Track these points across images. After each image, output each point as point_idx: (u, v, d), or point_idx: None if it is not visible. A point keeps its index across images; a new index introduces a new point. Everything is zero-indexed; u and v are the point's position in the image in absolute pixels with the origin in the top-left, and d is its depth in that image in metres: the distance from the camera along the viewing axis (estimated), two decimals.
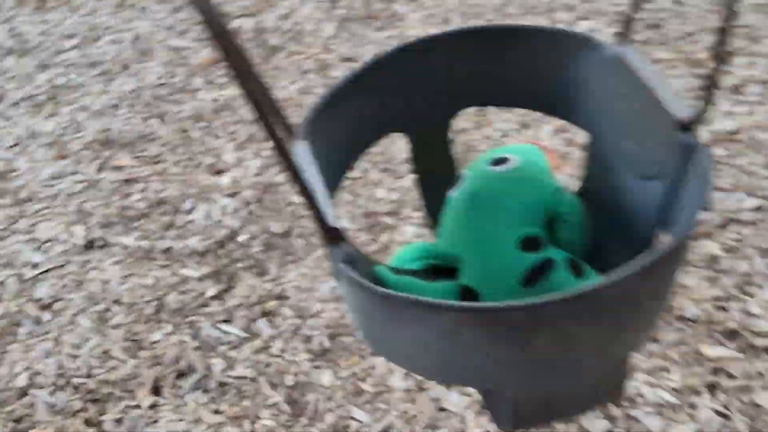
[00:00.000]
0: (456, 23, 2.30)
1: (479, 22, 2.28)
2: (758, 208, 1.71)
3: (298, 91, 2.20)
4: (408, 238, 1.76)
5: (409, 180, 1.78)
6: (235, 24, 2.50)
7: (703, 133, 1.80)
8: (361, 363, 1.59)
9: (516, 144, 1.10)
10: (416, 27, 2.28)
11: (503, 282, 0.67)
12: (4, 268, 1.89)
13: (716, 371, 1.47)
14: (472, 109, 0.85)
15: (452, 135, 0.85)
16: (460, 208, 0.72)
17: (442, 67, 0.77)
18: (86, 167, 2.10)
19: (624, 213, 0.71)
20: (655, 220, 0.65)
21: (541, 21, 2.14)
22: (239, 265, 1.80)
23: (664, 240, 0.56)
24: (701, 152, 0.59)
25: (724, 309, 1.56)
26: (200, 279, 1.78)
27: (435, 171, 0.84)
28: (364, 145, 0.79)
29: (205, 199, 1.95)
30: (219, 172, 2.00)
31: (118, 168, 2.08)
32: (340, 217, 0.58)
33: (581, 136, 0.83)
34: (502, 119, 1.99)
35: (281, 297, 1.72)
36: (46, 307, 1.79)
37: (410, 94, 0.78)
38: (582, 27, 2.16)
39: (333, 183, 0.73)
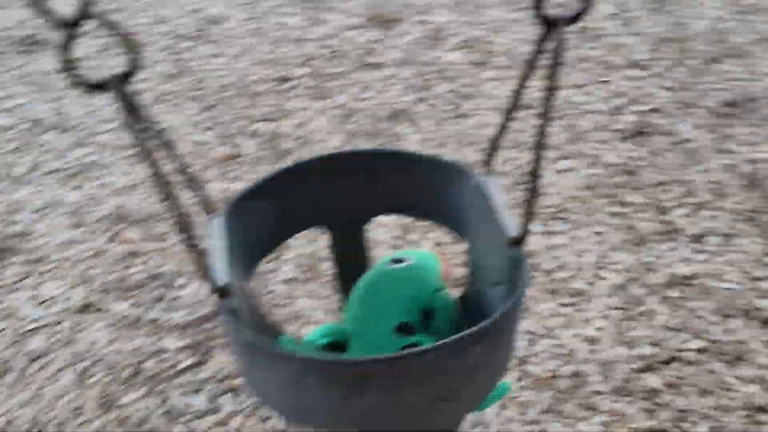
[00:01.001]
0: (451, 148, 2.50)
1: (472, 150, 2.47)
2: (701, 350, 1.80)
3: None
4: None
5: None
6: (255, 126, 2.74)
7: (659, 276, 1.93)
8: None
9: (420, 250, 1.25)
10: (413, 146, 2.48)
11: None
12: (5, 319, 2.03)
13: None
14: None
15: (366, 236, 1.01)
16: (357, 295, 0.86)
17: (358, 178, 0.92)
18: (98, 237, 2.28)
19: (482, 312, 0.83)
20: None
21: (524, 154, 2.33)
22: (215, 342, 1.92)
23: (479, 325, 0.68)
24: (524, 263, 0.73)
25: None
26: (177, 351, 1.90)
27: (350, 263, 0.98)
28: (287, 234, 0.94)
29: (197, 278, 2.10)
30: None
31: (126, 241, 2.25)
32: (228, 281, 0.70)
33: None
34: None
35: None
36: (34, 359, 1.92)
37: (332, 196, 0.93)
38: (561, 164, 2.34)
39: (251, 258, 0.88)
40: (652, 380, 1.74)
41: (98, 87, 0.61)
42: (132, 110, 0.64)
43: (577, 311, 1.92)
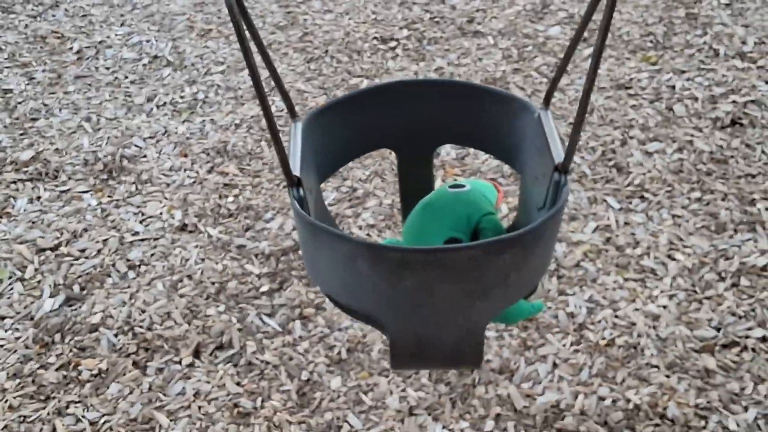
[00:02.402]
0: None
1: (563, 123, 2.48)
2: (763, 338, 1.78)
3: None
4: None
5: None
6: (354, 81, 2.83)
7: (732, 264, 1.89)
8: (367, 378, 1.78)
9: (479, 180, 1.31)
10: None
11: None
12: (112, 230, 2.23)
13: None
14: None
15: (435, 162, 1.08)
16: (415, 212, 0.94)
17: (428, 106, 0.99)
18: (199, 167, 2.45)
19: None
20: None
21: None
22: (293, 272, 2.04)
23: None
24: (565, 186, 0.79)
25: (704, 418, 1.63)
26: (259, 276, 2.04)
27: (415, 186, 1.06)
28: (358, 151, 1.02)
29: (284, 213, 2.23)
30: None
31: (224, 173, 2.41)
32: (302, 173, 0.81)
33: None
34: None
35: (319, 307, 1.95)
36: (133, 267, 2.11)
37: (402, 121, 1.00)
38: None
39: (324, 167, 0.96)
40: (709, 361, 1.74)
41: None
42: (242, 18, 0.73)
43: (643, 287, 1.93)
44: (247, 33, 0.75)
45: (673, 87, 2.63)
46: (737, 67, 2.71)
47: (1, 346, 1.90)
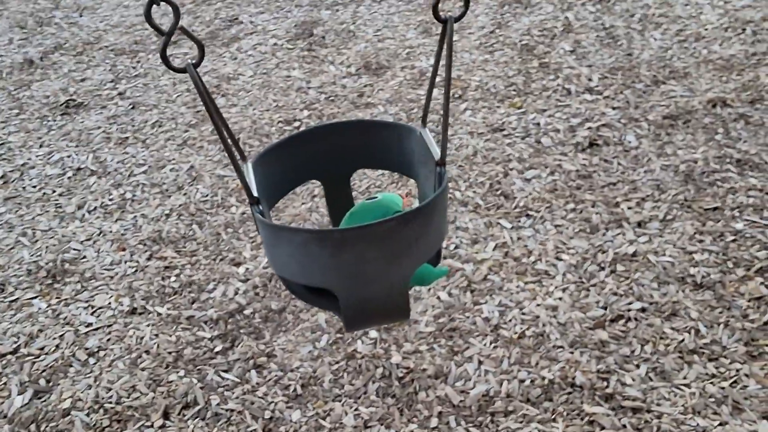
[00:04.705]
0: None
1: (454, 167, 2.82)
2: (642, 309, 2.11)
3: None
4: None
5: None
6: None
7: (608, 256, 2.23)
8: (323, 406, 1.98)
9: (387, 193, 1.58)
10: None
11: None
12: (66, 325, 2.37)
13: (591, 423, 1.83)
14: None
15: (351, 184, 1.36)
16: (344, 220, 1.22)
17: (337, 143, 1.28)
18: (138, 257, 2.63)
19: None
20: None
21: None
22: (242, 330, 2.25)
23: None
24: (446, 174, 1.09)
25: (605, 380, 1.93)
26: (211, 339, 2.23)
27: (339, 207, 1.33)
28: (293, 184, 1.29)
29: (224, 282, 2.44)
30: (237, 264, 2.51)
31: (163, 258, 2.60)
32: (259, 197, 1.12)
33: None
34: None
35: (270, 355, 2.15)
36: (92, 354, 2.25)
37: (321, 157, 1.28)
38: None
39: (270, 195, 1.23)
40: (602, 334, 2.05)
41: (180, 70, 0.98)
42: (202, 86, 1.00)
43: (540, 287, 2.25)
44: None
45: (539, 124, 3.05)
46: (587, 100, 3.17)
47: None
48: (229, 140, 1.04)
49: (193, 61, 1.00)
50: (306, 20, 4.56)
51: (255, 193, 1.09)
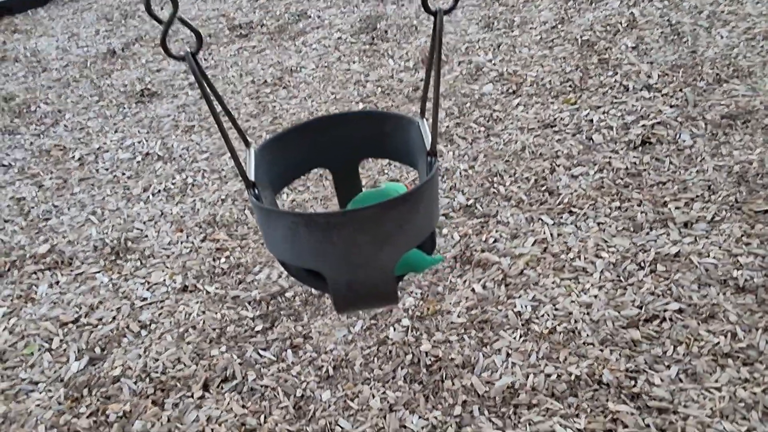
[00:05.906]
0: (480, 161, 2.84)
1: (501, 162, 2.81)
2: (679, 310, 2.06)
3: None
4: None
5: None
6: None
7: (649, 255, 2.19)
8: (353, 388, 2.03)
9: (394, 183, 1.59)
10: (449, 163, 2.84)
11: None
12: (123, 299, 2.51)
13: (614, 421, 1.80)
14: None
15: (360, 172, 1.39)
16: (348, 206, 1.26)
17: (345, 132, 1.31)
18: (194, 238, 2.75)
19: None
20: None
21: None
22: (282, 312, 2.32)
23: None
24: (435, 164, 1.10)
25: (633, 379, 1.89)
26: (253, 318, 2.32)
27: (347, 195, 1.37)
28: (303, 169, 1.33)
29: (269, 266, 2.52)
30: None
31: (215, 240, 2.72)
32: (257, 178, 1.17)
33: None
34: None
35: (307, 337, 2.22)
36: (144, 326, 2.38)
37: (329, 145, 1.32)
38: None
39: (276, 181, 1.27)
40: (634, 333, 2.01)
41: (179, 58, 1.04)
42: (200, 74, 1.06)
43: (575, 283, 2.22)
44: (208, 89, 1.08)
45: (591, 120, 2.99)
46: (645, 97, 3.09)
47: (38, 405, 2.15)
48: (227, 129, 1.08)
49: (193, 50, 1.06)
50: (371, 15, 4.62)
51: (252, 178, 1.14)
